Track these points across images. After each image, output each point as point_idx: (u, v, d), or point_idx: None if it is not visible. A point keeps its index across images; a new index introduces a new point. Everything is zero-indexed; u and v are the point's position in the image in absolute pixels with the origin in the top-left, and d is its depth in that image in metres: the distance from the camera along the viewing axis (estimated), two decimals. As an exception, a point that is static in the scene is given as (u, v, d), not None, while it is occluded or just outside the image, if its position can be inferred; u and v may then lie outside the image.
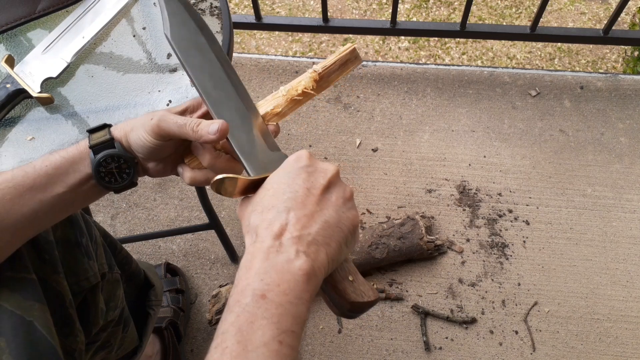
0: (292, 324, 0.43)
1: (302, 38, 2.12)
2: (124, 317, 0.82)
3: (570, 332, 1.23)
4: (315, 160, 0.53)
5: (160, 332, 1.13)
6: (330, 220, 0.49)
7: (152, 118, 0.56)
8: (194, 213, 1.39)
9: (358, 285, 0.52)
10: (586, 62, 1.99)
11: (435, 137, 1.49)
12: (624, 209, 1.37)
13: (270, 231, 0.47)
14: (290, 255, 0.45)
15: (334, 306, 0.53)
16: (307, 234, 0.47)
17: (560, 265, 1.30)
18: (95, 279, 0.71)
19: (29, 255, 0.61)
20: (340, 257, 0.51)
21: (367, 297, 0.52)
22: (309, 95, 0.61)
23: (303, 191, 0.49)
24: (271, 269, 0.45)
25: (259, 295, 0.43)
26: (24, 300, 0.57)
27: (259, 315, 0.42)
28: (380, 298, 1.26)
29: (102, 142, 0.57)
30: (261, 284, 0.44)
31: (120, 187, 0.59)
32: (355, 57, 0.62)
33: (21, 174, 0.55)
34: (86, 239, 0.70)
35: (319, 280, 0.47)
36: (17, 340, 0.54)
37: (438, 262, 1.31)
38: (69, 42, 0.85)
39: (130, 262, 0.89)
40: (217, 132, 0.54)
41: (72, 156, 0.57)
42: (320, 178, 0.51)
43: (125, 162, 0.58)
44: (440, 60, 2.02)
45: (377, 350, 1.21)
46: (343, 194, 0.52)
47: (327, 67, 0.61)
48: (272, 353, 0.41)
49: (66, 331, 0.65)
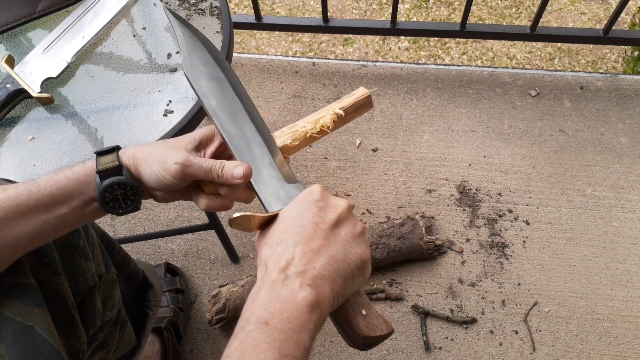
0: (294, 349, 0.44)
1: (302, 38, 2.12)
2: (121, 318, 0.82)
3: (570, 332, 1.23)
4: (328, 195, 0.54)
5: (160, 332, 1.13)
6: (336, 255, 0.50)
7: (176, 162, 0.56)
8: (194, 213, 1.39)
9: (371, 319, 0.53)
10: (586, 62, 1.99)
11: (435, 137, 1.49)
12: (624, 209, 1.37)
13: (277, 265, 0.49)
14: (294, 287, 0.47)
15: (348, 340, 0.54)
16: (312, 268, 0.48)
17: (560, 265, 1.30)
18: (93, 280, 0.71)
19: (28, 259, 0.61)
20: (346, 291, 0.51)
21: (380, 331, 0.52)
22: (325, 132, 0.64)
23: (311, 226, 0.51)
24: (276, 300, 0.46)
25: (263, 322, 0.45)
26: (24, 306, 0.57)
27: (262, 340, 0.44)
28: (380, 298, 1.26)
29: (110, 169, 0.57)
30: (265, 312, 0.46)
31: (123, 212, 0.59)
32: (369, 102, 0.66)
33: (25, 192, 0.55)
34: (83, 241, 0.71)
35: (324, 312, 0.48)
36: (18, 346, 0.55)
37: (438, 262, 1.31)
38: (69, 42, 0.85)
39: (128, 263, 0.89)
40: (242, 177, 0.56)
41: (78, 178, 0.57)
42: (330, 213, 0.52)
43: (132, 190, 0.58)
44: (440, 60, 2.02)
45: (377, 350, 1.21)
46: (353, 229, 0.52)
47: (346, 109, 0.64)
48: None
49: (70, 332, 0.65)
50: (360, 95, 0.65)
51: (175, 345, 1.15)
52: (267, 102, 1.55)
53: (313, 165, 1.44)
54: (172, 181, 0.57)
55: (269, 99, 1.56)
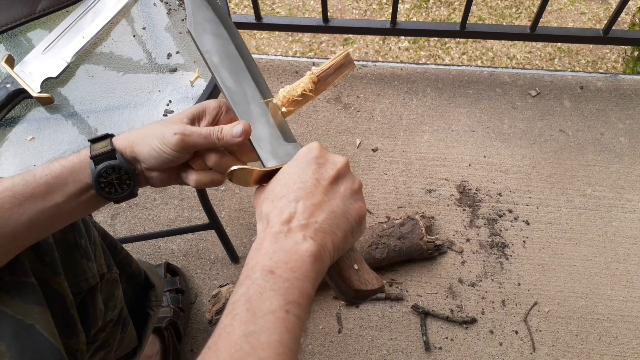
0: (298, 296, 0.46)
1: (302, 38, 2.12)
2: (123, 317, 0.82)
3: (570, 332, 1.23)
4: (326, 152, 0.55)
5: (160, 332, 1.13)
6: (337, 210, 0.51)
7: (175, 133, 0.56)
8: (194, 213, 1.39)
9: (363, 273, 0.55)
10: (586, 62, 1.99)
11: (435, 137, 1.49)
12: (624, 209, 1.37)
13: (280, 218, 0.50)
14: (297, 239, 0.48)
15: (339, 293, 0.56)
16: (314, 221, 0.50)
17: (560, 265, 1.30)
18: (94, 280, 0.71)
19: (29, 258, 0.61)
20: (346, 245, 0.53)
21: (370, 285, 0.54)
22: (308, 96, 0.64)
23: (312, 181, 0.52)
24: (280, 250, 0.48)
25: (268, 270, 0.46)
26: (24, 304, 0.57)
27: (268, 287, 0.45)
28: (380, 298, 1.26)
29: (103, 153, 0.57)
30: (270, 261, 0.47)
31: (120, 197, 0.60)
32: (349, 61, 0.65)
33: (21, 182, 0.55)
34: (85, 240, 0.70)
35: (325, 264, 0.50)
36: (18, 344, 0.55)
37: (438, 262, 1.31)
38: (69, 42, 0.85)
39: (130, 263, 0.89)
40: (241, 133, 0.56)
41: (73, 165, 0.57)
42: (330, 169, 0.54)
43: (126, 173, 0.58)
44: (440, 60, 2.02)
45: (377, 350, 1.21)
46: (351, 185, 0.54)
47: (324, 70, 0.64)
48: (278, 320, 0.44)
49: (68, 332, 0.65)
50: (339, 54, 0.65)
51: (175, 345, 1.15)
52: (267, 102, 1.55)
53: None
54: (172, 153, 0.57)
55: (269, 99, 1.56)
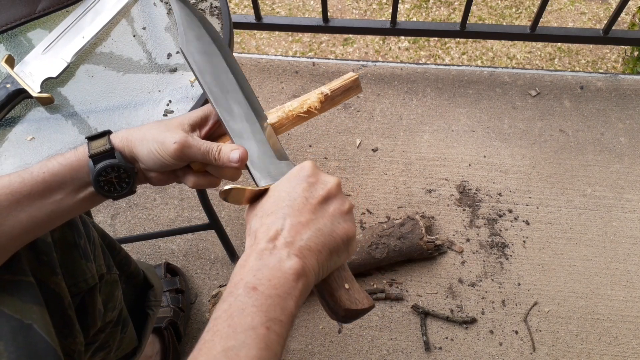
0: (280, 314, 0.46)
1: (302, 38, 2.12)
2: (123, 318, 0.82)
3: (570, 332, 1.23)
4: (318, 172, 0.56)
5: (160, 332, 1.13)
6: (323, 229, 0.52)
7: (175, 142, 0.57)
8: (194, 213, 1.39)
9: (353, 293, 0.55)
10: (586, 62, 1.99)
11: (435, 137, 1.49)
12: (624, 209, 1.37)
13: (266, 235, 0.51)
14: (282, 257, 0.49)
15: (330, 311, 0.56)
16: (299, 239, 0.50)
17: (560, 265, 1.30)
18: (93, 281, 0.70)
19: (27, 257, 0.61)
20: (331, 264, 0.53)
21: (361, 304, 0.54)
22: (312, 114, 0.65)
23: (301, 200, 0.53)
24: (263, 267, 0.48)
25: (251, 287, 0.47)
26: (22, 304, 0.57)
27: (250, 303, 0.46)
28: (380, 298, 1.26)
29: (102, 152, 0.57)
30: (253, 278, 0.47)
31: (119, 195, 0.60)
32: (357, 85, 0.67)
33: (18, 180, 0.55)
34: (84, 241, 0.70)
35: (310, 282, 0.50)
36: (16, 343, 0.54)
37: (438, 262, 1.31)
38: (69, 42, 0.85)
39: (129, 263, 0.89)
40: (238, 161, 0.57)
41: (70, 163, 0.57)
42: (320, 189, 0.54)
43: (125, 172, 0.58)
44: (440, 60, 2.01)
45: (377, 350, 1.21)
46: (340, 206, 0.54)
47: (333, 91, 0.65)
48: (259, 336, 0.44)
49: (66, 332, 0.65)
50: (348, 77, 0.66)
51: (175, 345, 1.15)
52: (267, 102, 1.55)
53: (313, 165, 1.44)
54: (170, 161, 0.57)
55: (268, 99, 1.56)
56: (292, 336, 1.23)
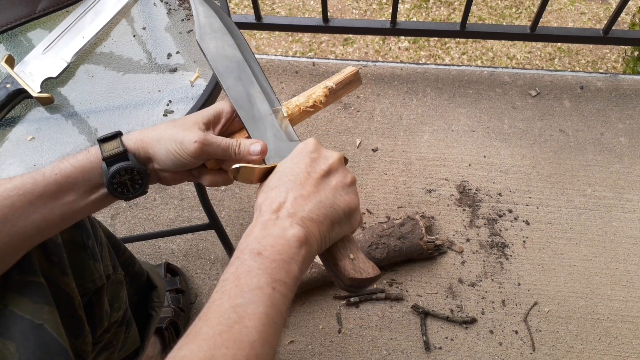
0: (284, 276, 0.49)
1: (302, 38, 2.12)
2: (127, 318, 0.82)
3: (570, 332, 1.23)
4: (321, 147, 0.58)
5: (161, 332, 1.13)
6: (324, 201, 0.54)
7: (195, 141, 0.58)
8: (194, 213, 1.39)
9: (358, 262, 0.57)
10: (586, 62, 1.99)
11: (435, 137, 1.49)
12: (624, 209, 1.37)
13: (270, 207, 0.53)
14: (285, 225, 0.51)
15: (336, 281, 0.58)
16: (301, 210, 0.53)
17: (560, 265, 1.30)
18: (101, 281, 0.71)
19: (38, 258, 0.61)
20: (333, 235, 0.55)
21: (366, 273, 0.56)
22: (318, 107, 0.67)
23: (303, 174, 0.55)
24: (268, 235, 0.51)
25: (256, 252, 0.49)
26: (33, 304, 0.57)
27: (255, 266, 0.48)
28: (380, 298, 1.26)
29: (115, 155, 0.58)
30: (258, 245, 0.50)
31: (132, 197, 0.60)
32: (357, 78, 0.69)
33: (31, 181, 0.55)
34: (92, 241, 0.70)
35: (313, 250, 0.52)
36: (27, 343, 0.55)
37: (438, 262, 1.31)
38: (69, 42, 0.85)
39: (133, 263, 0.89)
40: (259, 153, 0.59)
41: (83, 165, 0.58)
42: (322, 164, 0.56)
43: (139, 174, 0.59)
44: (440, 60, 2.01)
45: (377, 350, 1.21)
46: (343, 179, 0.57)
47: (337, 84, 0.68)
48: (265, 295, 0.47)
49: (76, 332, 0.65)
50: (349, 71, 0.69)
51: (175, 345, 1.14)
52: (267, 102, 1.55)
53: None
54: (190, 160, 0.59)
55: (269, 99, 1.56)
56: (292, 336, 1.23)
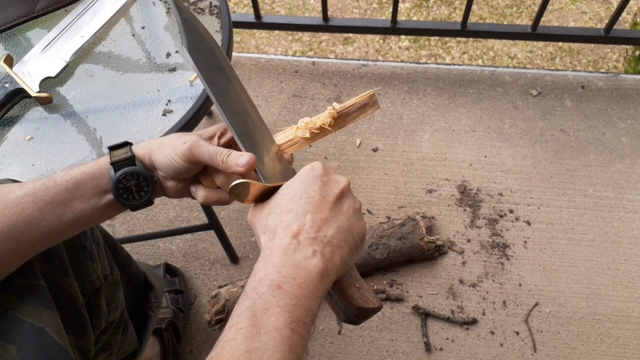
0: (304, 315, 0.46)
1: (302, 37, 2.11)
2: (124, 319, 0.82)
3: (572, 332, 1.22)
4: (329, 171, 0.57)
5: (159, 333, 1.13)
6: (343, 226, 0.52)
7: (185, 142, 0.57)
8: (193, 213, 1.39)
9: (364, 292, 0.55)
10: (587, 61, 1.99)
11: (435, 137, 1.48)
12: (626, 209, 1.37)
13: (289, 231, 0.50)
14: (307, 254, 0.49)
15: (340, 311, 0.55)
16: (323, 236, 0.50)
17: (562, 266, 1.30)
18: (99, 282, 0.71)
19: (39, 260, 0.61)
20: (351, 261, 0.53)
21: (372, 303, 0.54)
22: (326, 131, 0.64)
23: (319, 197, 0.53)
24: (288, 263, 0.48)
25: (275, 285, 0.46)
26: (34, 307, 0.57)
27: (274, 303, 0.45)
28: (380, 299, 1.26)
29: (123, 159, 0.59)
30: (278, 275, 0.47)
31: (137, 204, 0.60)
32: (373, 102, 0.65)
33: (42, 188, 0.56)
34: (90, 242, 0.71)
35: (331, 280, 0.50)
36: (28, 347, 0.55)
37: (439, 262, 1.31)
38: (67, 41, 0.84)
39: (130, 264, 0.89)
40: (246, 164, 0.57)
41: (92, 171, 0.58)
42: (334, 188, 0.55)
43: (144, 180, 0.59)
44: (440, 59, 2.01)
45: (378, 351, 1.21)
46: (353, 204, 0.55)
47: (346, 107, 0.64)
48: (283, 338, 0.44)
49: (80, 332, 0.66)
50: (364, 94, 0.64)
51: (175, 346, 1.14)
52: (267, 102, 1.55)
53: (313, 165, 1.44)
54: (180, 163, 0.58)
55: (268, 98, 1.55)
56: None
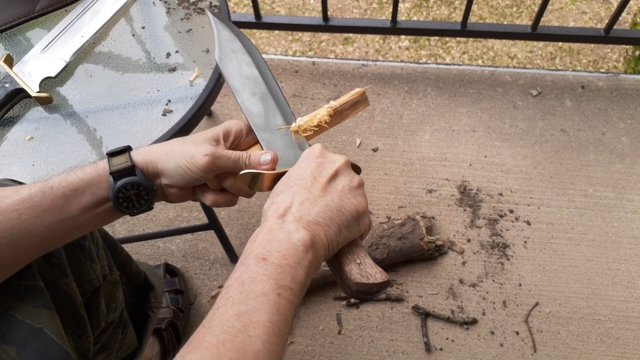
0: (290, 282, 0.48)
1: (302, 37, 2.11)
2: (124, 319, 0.82)
3: (572, 332, 1.22)
4: (326, 152, 0.58)
5: (159, 333, 1.13)
6: (331, 204, 0.54)
7: (206, 154, 0.58)
8: (193, 213, 1.39)
9: (365, 267, 0.55)
10: (587, 61, 1.99)
11: (435, 137, 1.48)
12: (626, 209, 1.37)
13: (276, 212, 0.53)
14: (290, 229, 0.51)
15: (343, 287, 0.57)
16: (307, 214, 0.52)
17: (562, 266, 1.30)
18: (98, 282, 0.71)
19: (36, 260, 0.61)
20: (341, 239, 0.54)
21: (373, 278, 0.54)
22: (323, 128, 0.67)
23: (309, 179, 0.55)
24: (273, 240, 0.50)
25: (261, 258, 0.49)
26: (32, 308, 0.57)
27: (260, 272, 0.48)
28: (380, 299, 1.26)
29: (123, 169, 0.58)
30: (263, 250, 0.49)
31: (137, 212, 0.60)
32: (364, 99, 0.69)
33: (39, 194, 0.55)
34: (88, 242, 0.70)
35: (319, 254, 0.51)
36: (27, 348, 0.55)
37: (439, 262, 1.31)
38: (67, 41, 0.84)
39: (130, 264, 0.88)
40: (270, 162, 0.59)
41: (91, 179, 0.58)
42: (328, 168, 0.56)
43: (145, 190, 0.59)
44: (440, 59, 2.01)
45: (378, 351, 1.21)
46: (350, 182, 0.56)
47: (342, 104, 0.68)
48: (270, 302, 0.46)
49: (79, 332, 0.66)
50: (356, 92, 0.68)
51: (175, 346, 1.14)
52: (267, 102, 1.54)
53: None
54: (199, 174, 0.58)
55: (269, 98, 1.55)
56: (291, 337, 1.22)
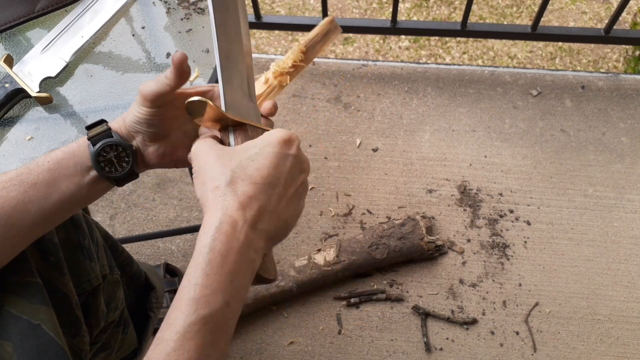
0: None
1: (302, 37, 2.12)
2: (124, 319, 0.82)
3: (572, 332, 1.22)
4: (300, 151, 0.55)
5: (159, 333, 1.12)
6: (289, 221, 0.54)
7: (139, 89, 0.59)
8: (193, 213, 1.39)
9: (266, 262, 0.55)
10: (587, 61, 1.99)
11: (435, 137, 1.48)
12: (626, 209, 1.37)
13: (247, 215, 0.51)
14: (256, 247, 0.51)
15: None
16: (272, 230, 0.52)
17: (562, 266, 1.30)
18: (97, 281, 0.71)
19: (35, 258, 0.61)
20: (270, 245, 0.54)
21: (269, 274, 0.55)
22: (299, 67, 0.66)
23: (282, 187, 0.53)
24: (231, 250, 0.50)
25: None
26: (30, 304, 0.57)
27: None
28: (380, 299, 1.26)
29: (99, 133, 0.59)
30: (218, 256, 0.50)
31: (120, 176, 0.60)
32: (334, 27, 0.67)
33: (25, 171, 0.56)
34: (88, 241, 0.70)
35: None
36: (25, 344, 0.55)
37: (439, 262, 1.31)
38: (67, 41, 0.84)
39: (131, 264, 0.88)
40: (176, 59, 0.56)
41: (72, 150, 0.59)
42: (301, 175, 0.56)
43: (124, 150, 0.60)
44: (440, 59, 2.01)
45: (378, 351, 1.21)
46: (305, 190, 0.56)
47: (311, 39, 0.66)
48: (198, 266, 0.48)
49: (73, 332, 0.65)
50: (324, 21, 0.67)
51: (174, 346, 1.14)
52: (267, 102, 1.54)
53: (313, 165, 1.44)
54: (145, 110, 0.58)
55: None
56: (291, 337, 1.22)
